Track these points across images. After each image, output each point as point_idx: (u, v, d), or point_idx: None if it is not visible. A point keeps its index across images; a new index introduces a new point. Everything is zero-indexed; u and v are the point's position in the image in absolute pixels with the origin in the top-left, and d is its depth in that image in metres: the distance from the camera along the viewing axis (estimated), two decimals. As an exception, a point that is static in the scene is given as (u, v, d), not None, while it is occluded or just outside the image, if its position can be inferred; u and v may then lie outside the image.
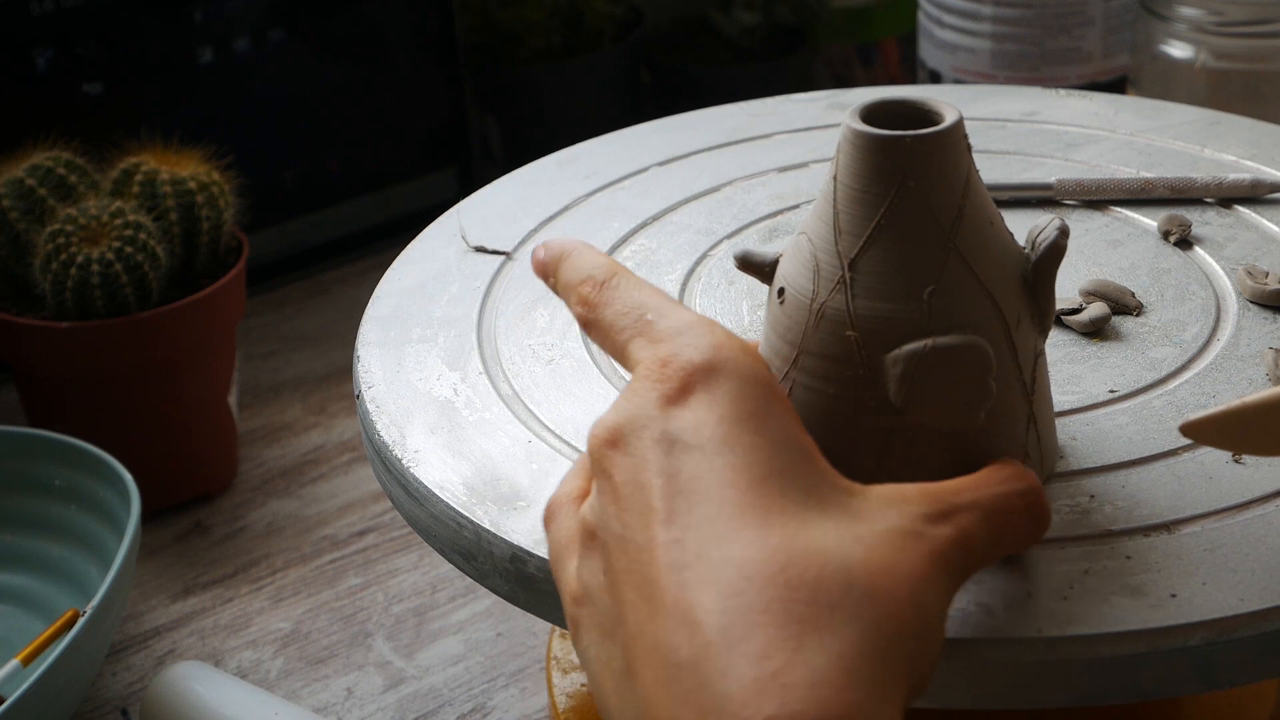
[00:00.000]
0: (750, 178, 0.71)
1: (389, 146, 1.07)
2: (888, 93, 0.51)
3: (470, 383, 0.58)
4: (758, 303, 0.61)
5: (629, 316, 0.45)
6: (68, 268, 0.76)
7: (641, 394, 0.42)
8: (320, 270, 1.07)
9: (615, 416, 0.42)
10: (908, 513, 0.41)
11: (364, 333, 0.61)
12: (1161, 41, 0.95)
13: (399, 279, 0.65)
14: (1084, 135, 0.74)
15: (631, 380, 0.43)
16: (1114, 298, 0.60)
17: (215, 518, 0.84)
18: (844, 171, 0.46)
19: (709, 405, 0.41)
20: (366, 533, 0.82)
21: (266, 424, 0.91)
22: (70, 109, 0.93)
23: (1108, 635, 0.44)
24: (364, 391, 0.58)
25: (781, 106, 0.78)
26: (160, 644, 0.75)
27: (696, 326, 0.43)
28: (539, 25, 1.12)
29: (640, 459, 0.41)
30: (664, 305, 0.45)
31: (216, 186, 0.81)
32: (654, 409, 0.42)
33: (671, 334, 0.43)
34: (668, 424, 0.41)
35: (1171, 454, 0.51)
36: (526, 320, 0.61)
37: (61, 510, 0.75)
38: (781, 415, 0.42)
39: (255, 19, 0.98)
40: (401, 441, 0.54)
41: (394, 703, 0.71)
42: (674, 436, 0.41)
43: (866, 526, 0.40)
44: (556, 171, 0.73)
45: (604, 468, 0.42)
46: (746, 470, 0.40)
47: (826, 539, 0.39)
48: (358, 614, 0.76)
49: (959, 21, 1.04)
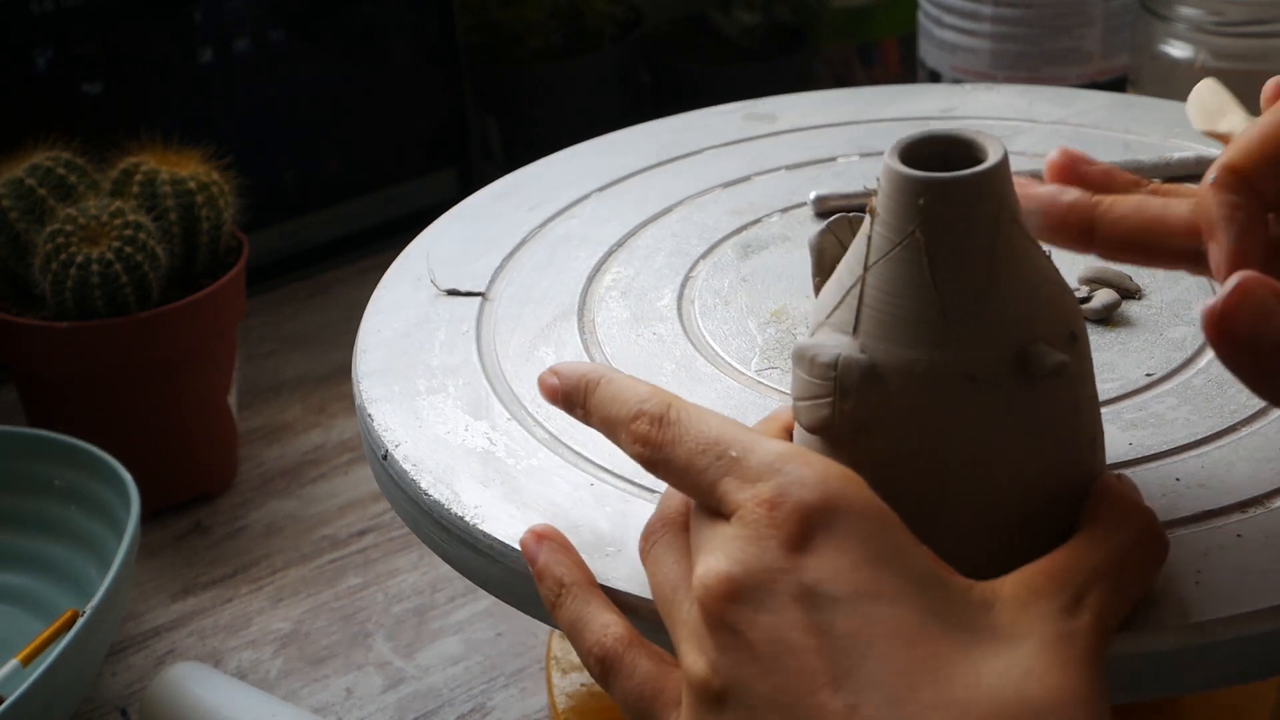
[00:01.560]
0: (698, 195, 0.70)
1: (389, 146, 1.07)
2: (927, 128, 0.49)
3: (502, 430, 0.55)
4: (763, 320, 0.60)
5: (707, 455, 0.42)
6: (68, 268, 0.76)
7: (757, 542, 0.40)
8: (320, 270, 1.07)
9: (730, 566, 0.40)
10: (1047, 613, 0.40)
11: (365, 389, 0.58)
12: (1161, 41, 0.95)
13: (379, 330, 0.62)
14: (1009, 127, 0.74)
15: (735, 525, 0.41)
16: (1116, 283, 0.60)
17: (215, 518, 0.84)
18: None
19: (839, 550, 0.39)
20: (366, 533, 0.82)
21: (266, 424, 0.91)
22: (70, 109, 0.93)
23: (1260, 612, 0.44)
24: (392, 450, 0.54)
25: (702, 120, 0.78)
26: (160, 644, 0.75)
27: (792, 459, 0.41)
28: (539, 25, 1.12)
29: (781, 617, 0.39)
30: (744, 438, 0.42)
31: (216, 186, 0.81)
32: (779, 559, 0.39)
33: (767, 470, 0.41)
34: (801, 576, 0.39)
35: (1232, 430, 0.52)
36: (532, 361, 0.59)
37: (61, 510, 0.75)
38: (906, 545, 0.40)
39: (255, 19, 0.98)
40: (456, 499, 0.51)
41: (394, 703, 0.71)
42: (813, 589, 0.39)
43: (1024, 649, 0.39)
44: (496, 204, 0.71)
45: (730, 623, 0.40)
46: (900, 618, 0.39)
47: (1002, 683, 0.38)
48: (357, 614, 0.76)
49: (959, 21, 1.04)
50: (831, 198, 0.68)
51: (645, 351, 0.59)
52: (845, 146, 0.74)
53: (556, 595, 0.46)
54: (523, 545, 0.48)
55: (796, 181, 0.71)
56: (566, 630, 0.46)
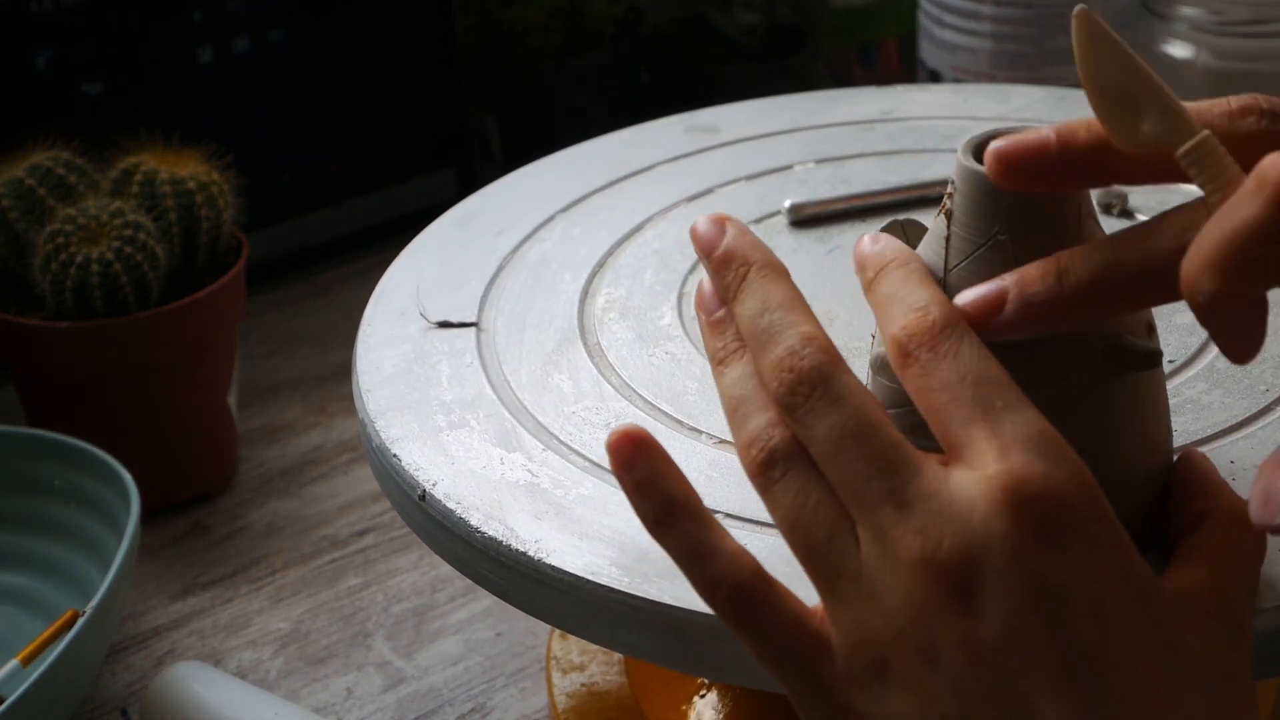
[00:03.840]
0: (665, 211, 0.69)
1: (389, 146, 1.07)
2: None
3: (540, 461, 0.54)
4: None
5: (973, 390, 0.39)
6: (67, 268, 0.76)
7: (1001, 522, 0.37)
8: (320, 270, 1.07)
9: (963, 541, 0.37)
10: (1221, 646, 0.40)
11: (382, 429, 0.56)
12: (1162, 41, 0.95)
13: (377, 369, 0.60)
14: (953, 126, 0.74)
15: (971, 475, 0.38)
16: None
17: (215, 518, 0.84)
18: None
19: (1090, 550, 0.38)
20: (366, 533, 0.82)
21: (266, 424, 0.91)
22: (70, 109, 0.93)
23: (1258, 612, 0.44)
24: (430, 489, 0.53)
25: (645, 135, 0.77)
26: (160, 644, 0.75)
27: (1052, 442, 0.38)
28: (539, 25, 1.12)
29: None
30: (1012, 391, 0.39)
31: (216, 186, 0.81)
32: (1025, 547, 0.37)
33: (1025, 443, 0.38)
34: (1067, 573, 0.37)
35: (1269, 409, 0.52)
36: (550, 389, 0.58)
37: (61, 510, 0.75)
38: (1126, 544, 0.39)
39: (255, 19, 0.98)
40: (513, 534, 0.50)
41: (394, 703, 0.71)
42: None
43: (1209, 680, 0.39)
44: (461, 232, 0.69)
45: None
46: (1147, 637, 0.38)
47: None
48: (357, 614, 0.76)
49: (959, 21, 1.04)
50: (807, 205, 0.67)
51: (662, 372, 0.58)
52: (799, 153, 0.73)
53: (666, 513, 0.41)
54: (613, 450, 0.41)
55: (760, 190, 0.70)
56: (681, 556, 0.41)
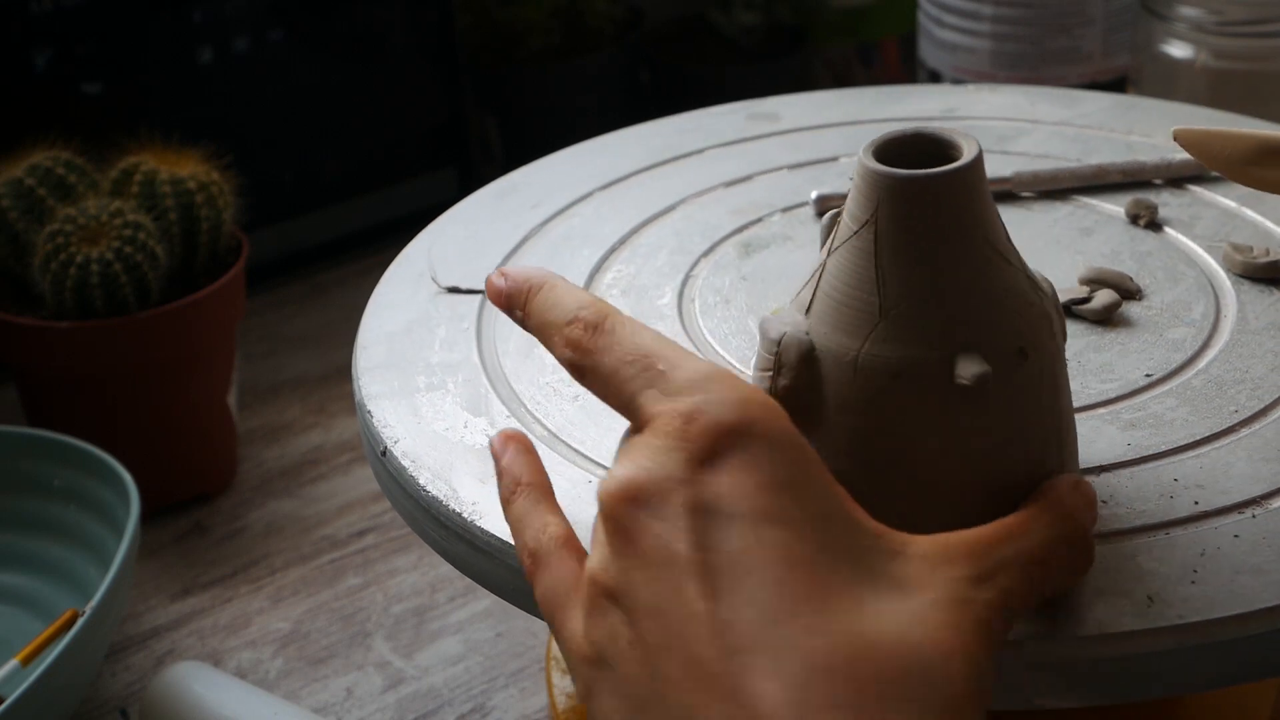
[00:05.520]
0: (700, 194, 0.70)
1: (389, 146, 1.07)
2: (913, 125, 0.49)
3: (501, 426, 0.55)
4: None
5: (634, 365, 0.42)
6: (67, 267, 0.76)
7: (665, 452, 0.40)
8: (320, 270, 1.07)
9: (634, 472, 0.40)
10: (954, 577, 0.40)
11: (364, 385, 0.58)
12: (1161, 41, 0.95)
13: (379, 326, 0.62)
14: (1011, 128, 0.74)
15: (647, 435, 0.41)
16: (1116, 284, 0.60)
17: (215, 518, 0.84)
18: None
19: (744, 470, 0.39)
20: (366, 533, 0.82)
21: (266, 424, 0.91)
22: (70, 109, 0.93)
23: (1258, 613, 0.44)
24: (391, 447, 0.55)
25: (704, 120, 0.78)
26: (160, 644, 0.75)
27: (717, 380, 0.41)
28: (539, 25, 1.12)
29: (673, 525, 0.39)
30: (674, 353, 0.42)
31: (216, 186, 0.81)
32: (682, 470, 0.39)
33: (690, 387, 0.41)
34: (701, 490, 0.39)
35: (1232, 430, 0.52)
36: (533, 359, 0.59)
37: (61, 510, 0.75)
38: (819, 478, 0.40)
39: (255, 19, 0.98)
40: (454, 495, 0.52)
41: (393, 703, 0.71)
42: (709, 504, 0.39)
43: (919, 600, 0.39)
44: (498, 203, 0.71)
45: (625, 527, 0.40)
46: (793, 546, 0.38)
47: (886, 623, 0.38)
48: (357, 614, 0.76)
49: (959, 21, 1.04)
50: (833, 197, 0.68)
51: None
52: (847, 146, 0.74)
53: (511, 492, 0.47)
54: (491, 446, 0.48)
55: (798, 181, 0.71)
56: (511, 527, 0.46)
